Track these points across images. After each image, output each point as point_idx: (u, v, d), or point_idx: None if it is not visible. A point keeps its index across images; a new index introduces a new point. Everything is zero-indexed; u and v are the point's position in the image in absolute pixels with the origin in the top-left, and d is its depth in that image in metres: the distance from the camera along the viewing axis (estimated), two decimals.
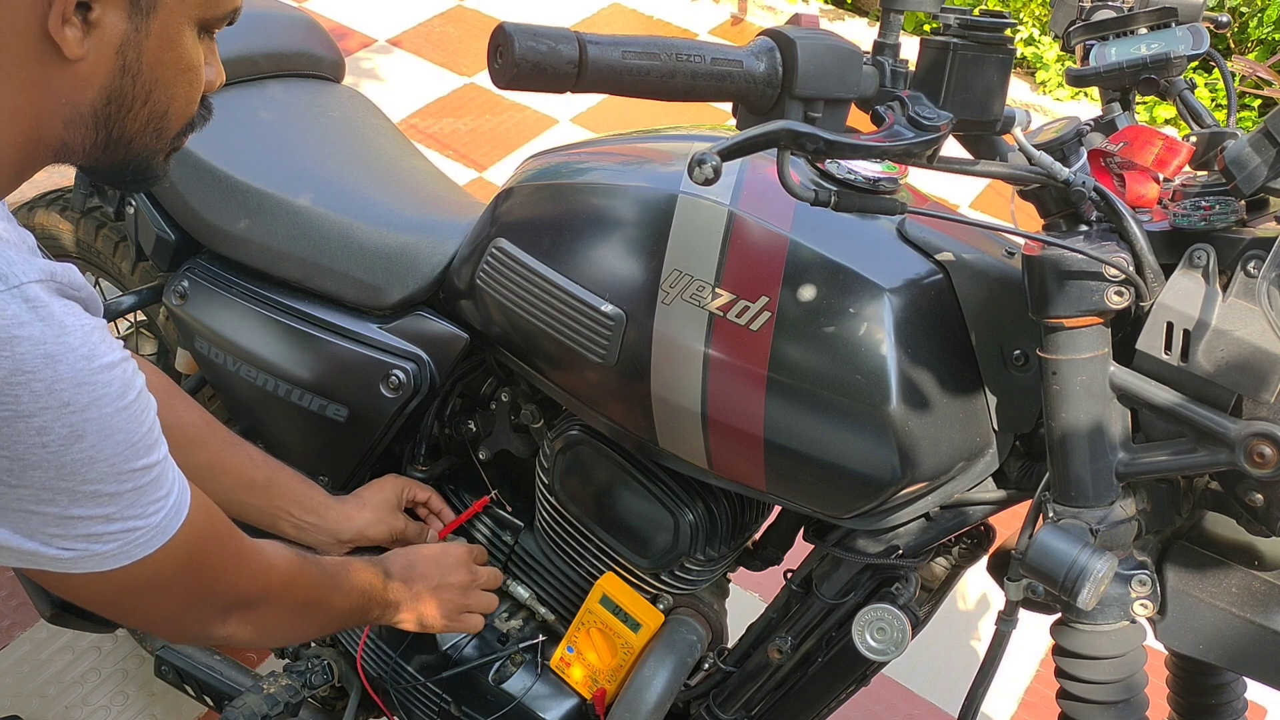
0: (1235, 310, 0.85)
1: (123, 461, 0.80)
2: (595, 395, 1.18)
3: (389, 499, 1.37)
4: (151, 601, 0.92)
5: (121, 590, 0.88)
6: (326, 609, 1.14)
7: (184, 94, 0.89)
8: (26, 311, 0.74)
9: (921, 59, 0.89)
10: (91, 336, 0.78)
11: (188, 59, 0.87)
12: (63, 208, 1.80)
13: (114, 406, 0.78)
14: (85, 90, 0.83)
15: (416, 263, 1.36)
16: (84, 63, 0.81)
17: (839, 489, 1.05)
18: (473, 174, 3.38)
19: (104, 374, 0.78)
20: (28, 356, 0.73)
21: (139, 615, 0.97)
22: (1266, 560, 0.95)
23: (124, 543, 0.84)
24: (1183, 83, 1.09)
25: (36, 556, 0.81)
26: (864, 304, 1.00)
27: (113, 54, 0.82)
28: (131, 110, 0.86)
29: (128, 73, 0.83)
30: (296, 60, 1.65)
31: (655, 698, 1.24)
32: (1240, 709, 1.13)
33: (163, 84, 0.86)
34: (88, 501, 0.79)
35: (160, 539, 0.86)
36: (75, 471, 0.78)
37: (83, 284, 0.80)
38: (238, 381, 1.46)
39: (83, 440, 0.77)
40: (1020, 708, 2.13)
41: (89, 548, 0.82)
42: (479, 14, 4.18)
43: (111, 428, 0.78)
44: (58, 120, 0.83)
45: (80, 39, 0.80)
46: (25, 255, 0.76)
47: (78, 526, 0.80)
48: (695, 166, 0.76)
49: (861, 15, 4.47)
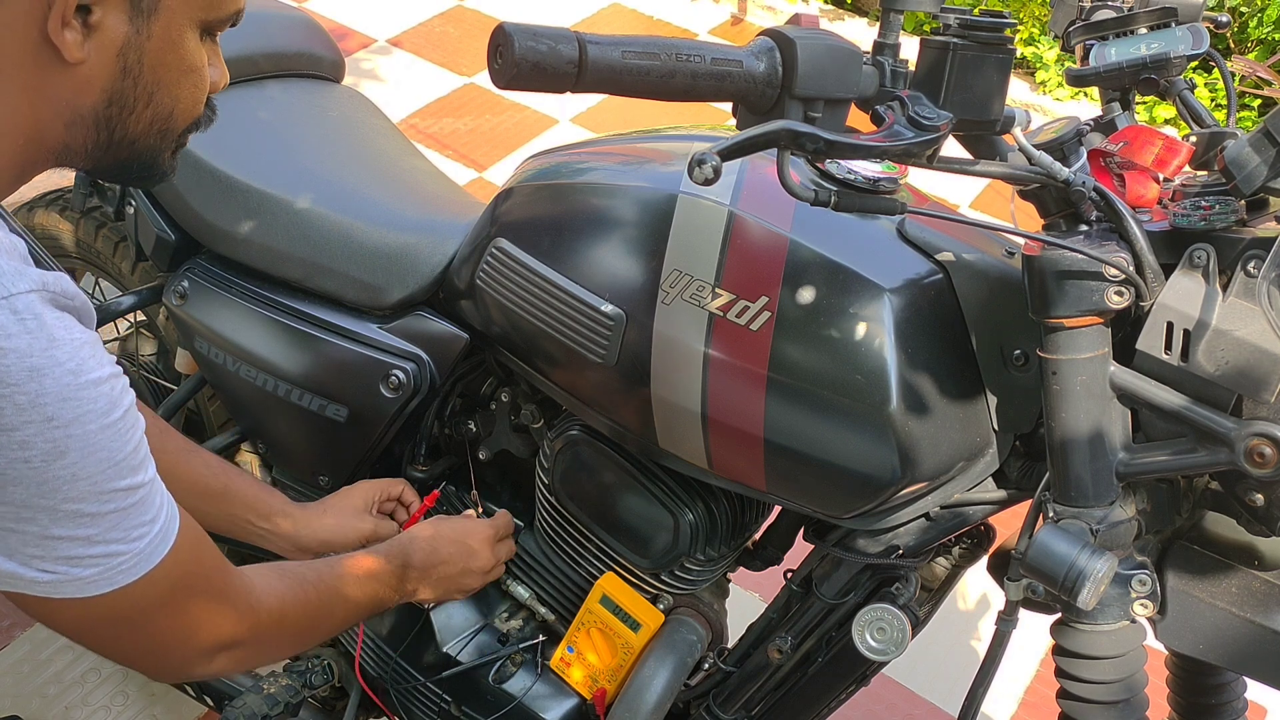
0: (1235, 310, 0.85)
1: (105, 480, 0.78)
2: (595, 395, 1.18)
3: (355, 504, 1.35)
4: (132, 636, 0.88)
5: (101, 620, 0.84)
6: (326, 627, 1.11)
7: (188, 95, 0.89)
8: (14, 323, 0.72)
9: (921, 59, 0.89)
10: (80, 351, 0.76)
11: (190, 61, 0.87)
12: (63, 208, 1.80)
13: (99, 424, 0.76)
14: (86, 93, 0.82)
15: (416, 263, 1.36)
16: (84, 66, 0.81)
17: (839, 489, 1.05)
18: (473, 174, 3.38)
19: (90, 390, 0.76)
20: (13, 369, 0.72)
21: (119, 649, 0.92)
22: (1266, 560, 0.95)
23: (105, 568, 0.81)
24: (1183, 83, 1.09)
25: (15, 579, 0.79)
26: (864, 304, 1.00)
27: (114, 57, 0.81)
28: (134, 112, 0.85)
29: (129, 75, 0.83)
30: (296, 60, 1.65)
31: (655, 698, 1.24)
32: (1240, 709, 1.13)
33: (165, 86, 0.86)
34: (68, 521, 0.77)
35: (144, 566, 0.83)
36: (56, 489, 0.75)
37: (76, 293, 0.79)
38: (238, 381, 1.46)
39: (65, 457, 0.75)
40: (1020, 708, 2.13)
41: (69, 571, 0.79)
42: (479, 14, 4.18)
43: (95, 445, 0.76)
44: (59, 123, 0.83)
45: (80, 42, 0.79)
46: (16, 264, 0.75)
47: (58, 548, 0.78)
48: (695, 166, 0.76)
49: (861, 15, 4.47)
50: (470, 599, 1.38)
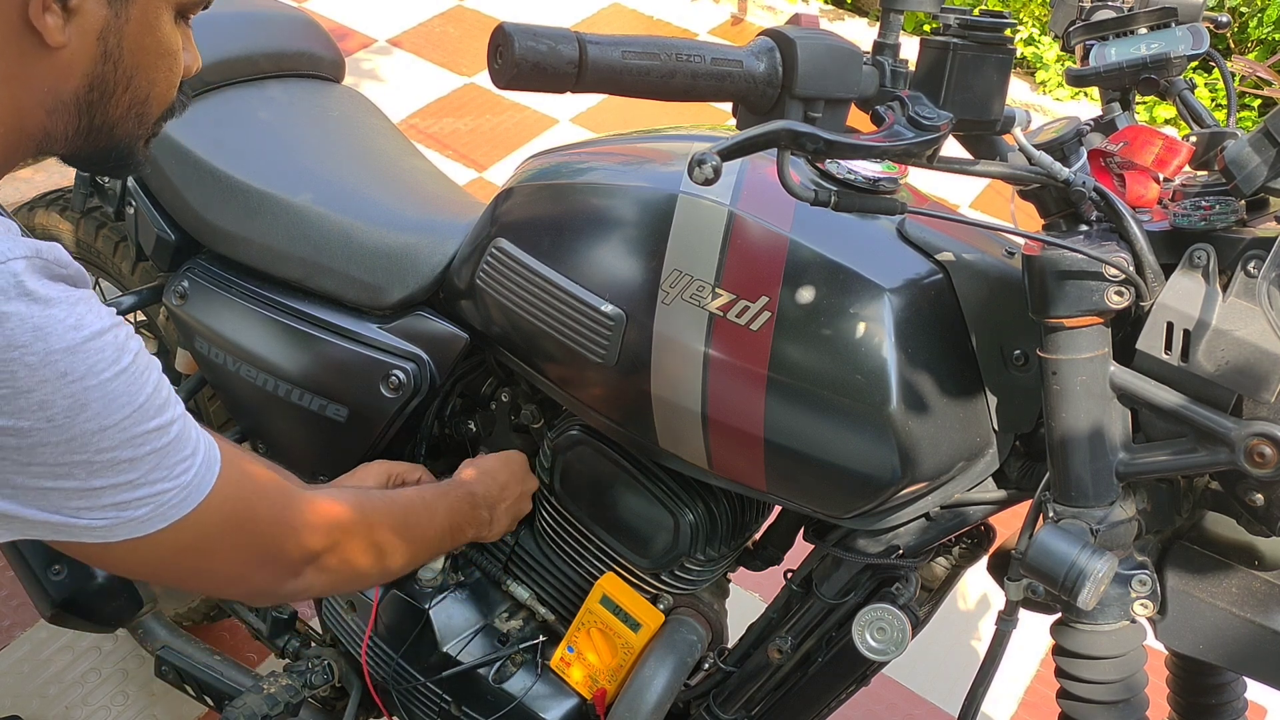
0: (1235, 310, 0.85)
1: (133, 425, 0.79)
2: (595, 395, 1.18)
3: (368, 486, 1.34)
4: (206, 562, 0.90)
5: (170, 552, 0.86)
6: (411, 541, 1.12)
7: (164, 79, 0.89)
8: (11, 288, 0.74)
9: (921, 59, 0.89)
10: (77, 308, 0.77)
11: (167, 44, 0.88)
12: (63, 208, 1.80)
13: (113, 371, 0.77)
14: (68, 78, 0.83)
15: (416, 263, 1.36)
16: (65, 50, 0.81)
17: (839, 489, 1.05)
18: (473, 174, 3.38)
19: (95, 341, 0.77)
20: (17, 331, 0.73)
21: (200, 578, 0.95)
22: (1266, 560, 0.95)
23: (156, 506, 0.82)
24: (1183, 83, 1.09)
25: (70, 528, 0.80)
26: (864, 304, 1.00)
27: (94, 41, 0.82)
28: (114, 97, 0.86)
29: (109, 59, 0.84)
30: (296, 60, 1.65)
31: (655, 698, 1.24)
32: (1240, 709, 1.13)
33: (143, 69, 0.86)
34: (107, 471, 0.79)
35: (195, 497, 0.85)
36: (86, 443, 0.77)
37: (69, 261, 0.80)
38: (238, 381, 1.46)
39: (87, 409, 0.76)
40: (1020, 708, 2.13)
41: (120, 515, 0.81)
42: (479, 14, 4.18)
43: (114, 393, 0.77)
44: (41, 109, 0.83)
45: (61, 26, 0.80)
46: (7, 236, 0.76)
47: (102, 496, 0.79)
48: (695, 166, 0.76)
49: (861, 15, 4.47)
50: (470, 599, 1.38)
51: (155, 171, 1.51)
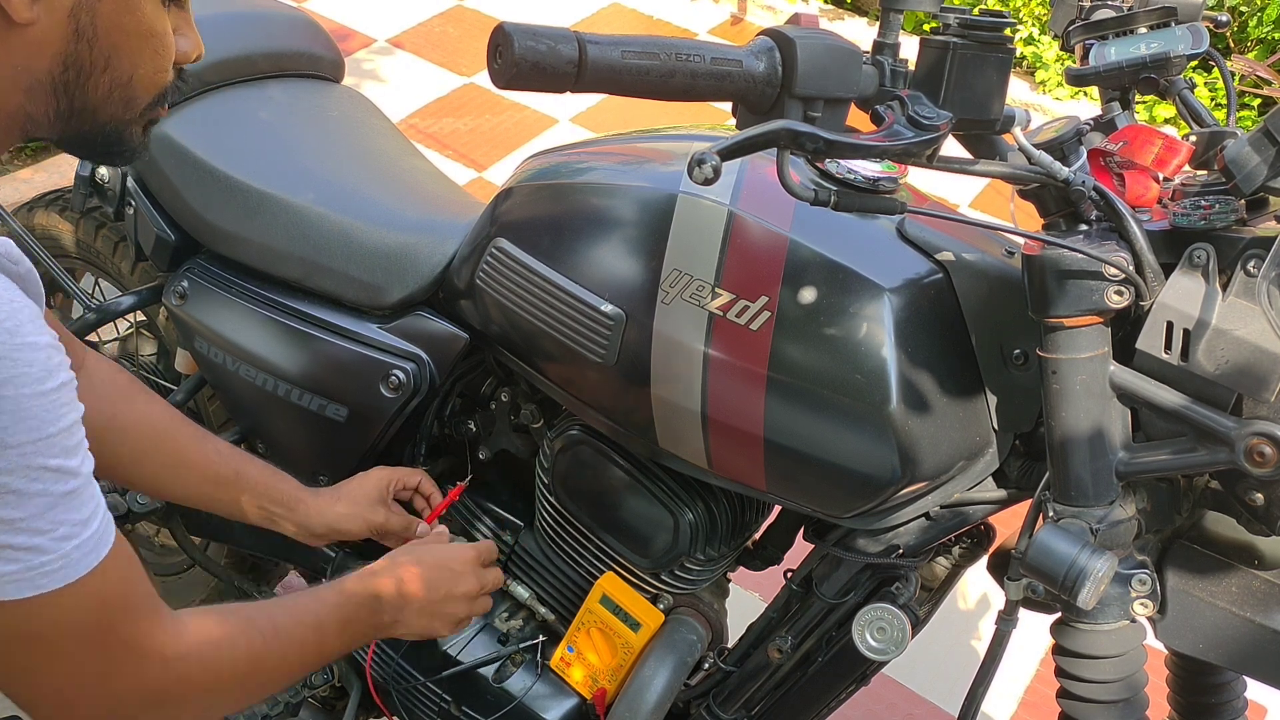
0: (1235, 309, 0.85)
1: (34, 454, 0.73)
2: (595, 395, 1.18)
3: (369, 492, 1.33)
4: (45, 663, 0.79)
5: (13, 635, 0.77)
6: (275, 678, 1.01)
7: (149, 61, 0.87)
8: None
9: (921, 59, 0.89)
10: (19, 314, 0.72)
11: (149, 25, 0.85)
12: (62, 208, 1.80)
13: (32, 389, 0.72)
14: (39, 56, 0.80)
15: (416, 263, 1.36)
16: (35, 27, 0.79)
17: (839, 489, 1.05)
18: (473, 174, 3.38)
19: (26, 352, 0.72)
20: None
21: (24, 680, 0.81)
22: (1266, 560, 0.95)
23: (25, 566, 0.74)
24: (1182, 82, 1.09)
25: None
26: (864, 304, 1.00)
27: (65, 18, 0.80)
28: (91, 77, 0.83)
29: (82, 38, 0.81)
30: (296, 60, 1.65)
31: (655, 697, 1.24)
32: (1240, 709, 1.13)
33: (123, 50, 0.84)
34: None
35: (69, 574, 0.76)
36: None
37: (21, 258, 0.77)
38: (237, 381, 1.46)
39: None
40: (1020, 708, 2.13)
41: None
42: (479, 14, 4.18)
43: (26, 411, 0.72)
44: (17, 90, 0.81)
45: (29, 3, 0.77)
46: None
47: None
48: (695, 166, 0.76)
49: (861, 15, 4.47)
50: None
51: (155, 171, 1.51)
